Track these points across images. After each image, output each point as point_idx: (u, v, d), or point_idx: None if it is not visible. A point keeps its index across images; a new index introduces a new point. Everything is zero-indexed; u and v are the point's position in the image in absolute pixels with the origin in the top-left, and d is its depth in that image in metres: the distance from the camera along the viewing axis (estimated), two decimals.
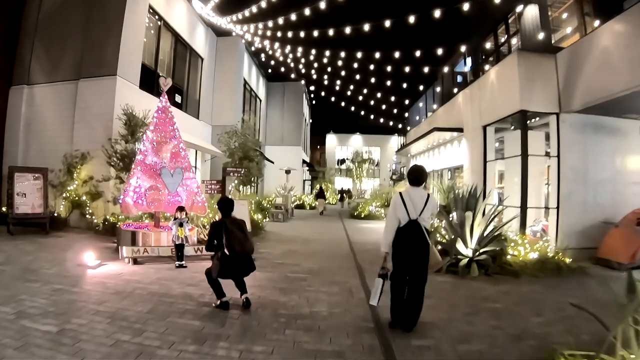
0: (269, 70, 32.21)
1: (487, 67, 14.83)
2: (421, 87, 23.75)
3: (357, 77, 21.31)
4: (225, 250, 5.40)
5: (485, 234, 8.94)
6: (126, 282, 6.71)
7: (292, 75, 24.58)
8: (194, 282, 6.83)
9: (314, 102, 44.16)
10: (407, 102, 26.96)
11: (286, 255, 9.77)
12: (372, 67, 18.47)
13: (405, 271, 4.67)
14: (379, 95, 23.72)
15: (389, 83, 20.64)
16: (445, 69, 19.31)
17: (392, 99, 24.09)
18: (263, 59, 28.24)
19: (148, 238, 8.96)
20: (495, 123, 13.07)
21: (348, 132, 56.98)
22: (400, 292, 4.71)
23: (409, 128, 27.85)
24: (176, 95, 17.63)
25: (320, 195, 27.39)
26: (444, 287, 7.20)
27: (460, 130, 15.79)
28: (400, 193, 4.79)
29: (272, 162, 29.72)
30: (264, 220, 16.41)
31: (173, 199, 9.43)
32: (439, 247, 9.08)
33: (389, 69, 17.77)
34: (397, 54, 15.53)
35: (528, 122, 11.39)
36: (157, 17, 15.67)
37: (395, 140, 52.53)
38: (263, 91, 32.25)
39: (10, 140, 13.70)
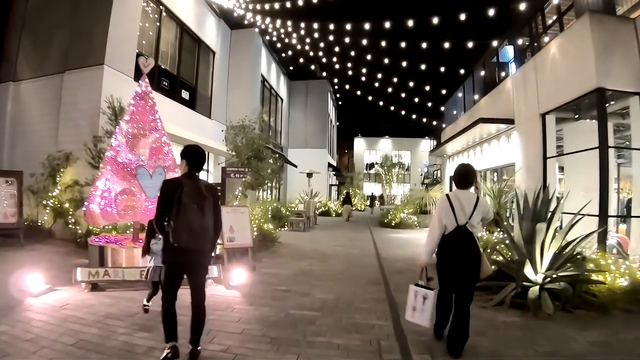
0: (291, 68, 30.34)
1: (545, 40, 12.32)
2: (458, 78, 21.39)
3: (388, 74, 19.27)
4: (170, 238, 3.54)
5: (561, 253, 6.60)
6: (62, 319, 4.87)
7: (313, 68, 22.55)
8: (152, 322, 4.79)
9: (340, 102, 42.19)
10: (442, 96, 24.56)
11: (296, 278, 7.62)
12: (404, 62, 16.41)
13: (452, 285, 4.20)
14: (410, 93, 21.51)
15: (421, 78, 18.52)
16: (489, 52, 16.96)
17: (425, 95, 21.84)
18: (284, 55, 26.52)
19: (118, 256, 7.03)
20: (558, 110, 10.63)
21: (377, 135, 56.08)
22: (447, 309, 4.32)
23: (444, 125, 25.28)
24: (183, 91, 15.86)
25: (347, 201, 26.02)
26: (513, 333, 4.96)
27: (510, 121, 13.34)
28: (447, 195, 4.28)
29: (295, 166, 27.75)
30: (279, 229, 14.41)
31: (152, 206, 7.44)
32: (494, 266, 6.84)
33: (421, 62, 15.71)
34: (431, 44, 13.46)
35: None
36: (157, 3, 13.92)
37: (426, 144, 50.94)
38: (284, 90, 30.36)
39: None
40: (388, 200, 45.48)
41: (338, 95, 40.62)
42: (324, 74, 24.55)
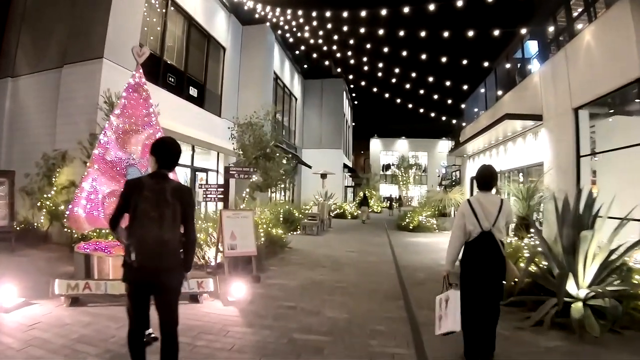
0: (305, 66, 29.56)
1: (576, 29, 11.26)
2: (479, 75, 20.33)
3: (405, 72, 18.42)
4: (131, 254, 2.88)
5: (606, 265, 5.65)
6: (25, 342, 4.15)
7: (328, 64, 21.73)
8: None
9: (355, 102, 41.29)
10: (462, 94, 23.47)
11: (305, 291, 6.77)
12: (422, 60, 15.51)
13: (478, 295, 3.91)
14: (429, 91, 20.48)
15: (440, 76, 17.59)
16: (511, 47, 15.94)
17: (444, 93, 20.81)
18: (297, 53, 25.80)
19: (104, 265, 6.29)
20: (592, 104, 9.63)
21: (393, 136, 55.43)
22: (474, 320, 3.93)
23: (464, 124, 24.11)
24: (191, 88, 15.17)
25: (364, 203, 25.55)
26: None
27: (538, 117, 12.29)
28: (469, 200, 4.07)
29: (309, 166, 26.92)
30: (291, 233, 13.63)
31: None
32: (527, 279, 6.08)
33: (440, 59, 14.76)
34: (450, 40, 12.57)
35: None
36: None
37: (443, 145, 50.07)
38: (299, 89, 29.57)
39: None
40: (405, 201, 44.45)
41: (354, 95, 39.73)
42: (339, 69, 23.63)
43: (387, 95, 22.05)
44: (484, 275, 3.89)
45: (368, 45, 16.40)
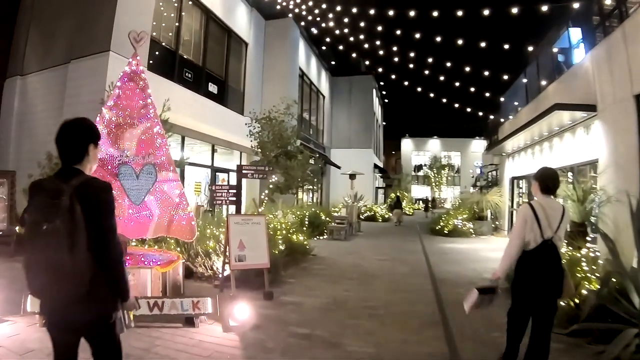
0: (332, 63, 28.51)
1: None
2: (518, 67, 18.81)
3: (437, 66, 17.22)
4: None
5: None
6: None
7: (355, 56, 20.59)
8: None
9: (386, 100, 39.96)
10: (499, 88, 21.87)
11: (324, 312, 5.69)
12: (456, 52, 14.28)
13: (531, 308, 3.63)
14: (463, 86, 19.11)
15: (476, 68, 16.26)
16: (553, 34, 14.47)
17: (480, 87, 19.30)
18: (324, 49, 24.83)
19: None
20: None
21: (425, 136, 54.10)
22: (520, 334, 3.76)
23: (502, 120, 22.38)
24: (210, 84, 14.40)
25: (397, 205, 24.96)
26: None
27: (591, 108, 10.80)
28: (531, 204, 3.65)
29: (338, 167, 25.86)
30: (317, 238, 12.63)
31: (138, 214, 5.78)
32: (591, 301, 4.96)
33: (476, 50, 13.54)
34: (486, 28, 11.32)
35: None
36: None
37: (477, 144, 48.50)
38: (326, 87, 28.52)
39: (4, 142, 11.46)
40: (438, 203, 42.83)
41: (384, 93, 38.44)
42: (367, 61, 22.46)
43: (419, 89, 20.73)
44: (541, 289, 3.57)
45: (398, 39, 15.32)
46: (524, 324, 3.77)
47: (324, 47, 25.25)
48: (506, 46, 14.50)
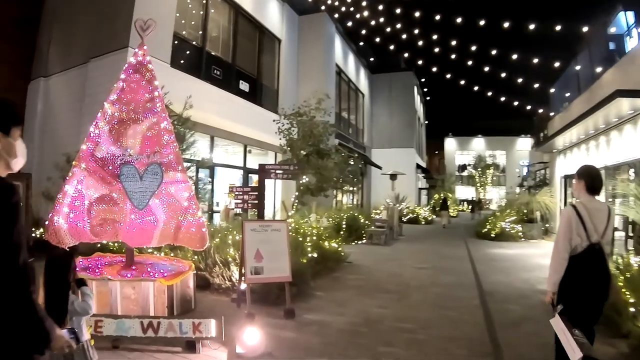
0: (371, 59, 27.50)
1: None
2: (567, 55, 17.17)
3: (481, 59, 16.06)
4: None
5: None
6: None
7: (393, 50, 19.60)
8: None
9: (427, 98, 38.47)
10: (547, 80, 20.13)
11: (353, 336, 4.81)
12: (501, 43, 13.12)
13: (580, 316, 3.27)
14: (509, 78, 17.69)
15: (523, 58, 14.96)
16: (606, 18, 13.02)
17: (527, 79, 17.69)
18: (362, 44, 23.93)
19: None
20: None
21: (469, 134, 52.32)
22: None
23: (551, 114, 20.52)
24: (241, 82, 13.84)
25: (444, 206, 24.34)
26: None
27: None
28: (574, 206, 3.44)
29: (379, 167, 24.83)
30: (354, 243, 11.81)
31: (141, 220, 5.13)
32: None
33: (521, 39, 12.31)
34: (533, 15, 10.12)
35: None
36: None
37: (523, 142, 46.58)
38: (365, 84, 27.53)
39: (28, 145, 10.90)
40: (483, 205, 40.91)
41: (425, 90, 37.00)
42: (406, 55, 21.22)
43: (462, 82, 19.42)
44: (588, 296, 3.35)
45: (439, 30, 14.28)
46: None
47: (361, 43, 24.35)
48: (555, 33, 13.14)
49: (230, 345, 4.09)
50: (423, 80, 33.93)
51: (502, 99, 19.87)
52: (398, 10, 13.40)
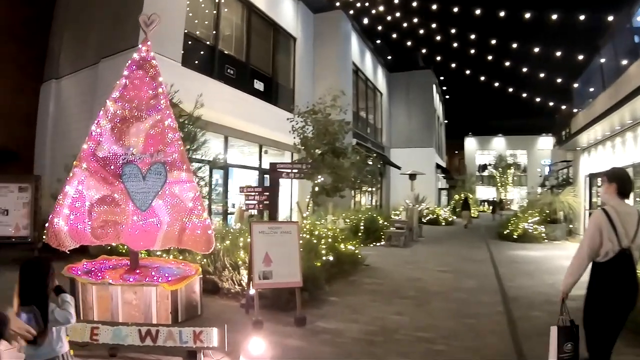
0: (389, 57, 27.06)
1: None
2: (590, 48, 16.44)
3: (500, 53, 15.62)
4: None
5: None
6: None
7: (413, 55, 19.17)
8: None
9: (447, 96, 37.80)
10: (569, 75, 19.32)
11: (366, 348, 4.44)
12: (522, 37, 12.64)
13: (606, 324, 3.26)
14: (530, 73, 17.05)
15: (545, 52, 14.43)
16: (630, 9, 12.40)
17: (549, 74, 16.97)
18: (379, 42, 23.54)
19: (87, 294, 4.66)
20: None
21: (489, 134, 51.30)
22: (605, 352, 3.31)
23: (575, 110, 19.67)
24: (255, 81, 13.63)
25: (465, 207, 23.85)
26: None
27: None
28: (605, 210, 3.30)
29: (398, 167, 24.38)
30: (373, 244, 11.47)
31: (144, 222, 4.90)
32: None
33: (543, 33, 11.83)
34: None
35: None
36: None
37: (544, 141, 45.28)
38: (383, 83, 27.07)
39: (40, 147, 11.36)
40: (504, 205, 39.98)
41: (444, 88, 36.35)
42: (424, 51, 20.69)
43: (482, 78, 18.84)
44: (616, 303, 3.25)
45: (457, 25, 13.83)
46: (604, 344, 3.33)
47: (378, 41, 23.91)
48: (577, 25, 12.59)
49: (233, 356, 3.81)
50: (442, 78, 33.30)
51: (524, 95, 19.17)
52: (414, 4, 12.95)
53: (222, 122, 11.40)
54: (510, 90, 19.13)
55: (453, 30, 14.76)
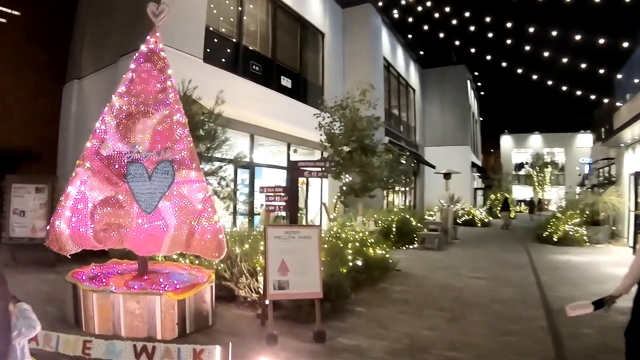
0: (421, 52, 26.17)
1: None
2: (635, 37, 15.25)
3: (538, 46, 14.69)
4: None
5: None
6: None
7: (446, 49, 18.37)
8: None
9: (482, 93, 36.44)
10: (610, 67, 17.99)
11: None
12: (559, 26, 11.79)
13: None
14: (568, 67, 15.96)
15: (585, 42, 13.48)
16: None
17: (589, 68, 15.76)
18: (410, 37, 22.77)
19: (89, 301, 4.32)
20: None
21: (525, 131, 49.44)
22: None
23: (618, 104, 18.23)
24: (282, 77, 13.23)
25: (505, 207, 23.20)
26: None
27: None
28: None
29: (433, 166, 23.49)
30: (405, 247, 10.95)
31: (149, 225, 4.52)
32: None
33: (582, 23, 10.98)
34: None
35: None
36: None
37: (582, 138, 43.53)
38: (416, 79, 26.21)
39: (63, 148, 11.40)
40: (543, 205, 38.21)
41: (479, 84, 35.04)
42: (458, 43, 19.76)
43: (519, 70, 17.83)
44: None
45: (491, 14, 13.03)
46: None
47: (410, 36, 23.13)
48: (620, 9, 11.60)
49: None
50: (476, 74, 32.06)
51: (563, 88, 18.00)
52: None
53: (248, 119, 11.05)
54: (548, 83, 18.01)
55: (487, 20, 13.93)
